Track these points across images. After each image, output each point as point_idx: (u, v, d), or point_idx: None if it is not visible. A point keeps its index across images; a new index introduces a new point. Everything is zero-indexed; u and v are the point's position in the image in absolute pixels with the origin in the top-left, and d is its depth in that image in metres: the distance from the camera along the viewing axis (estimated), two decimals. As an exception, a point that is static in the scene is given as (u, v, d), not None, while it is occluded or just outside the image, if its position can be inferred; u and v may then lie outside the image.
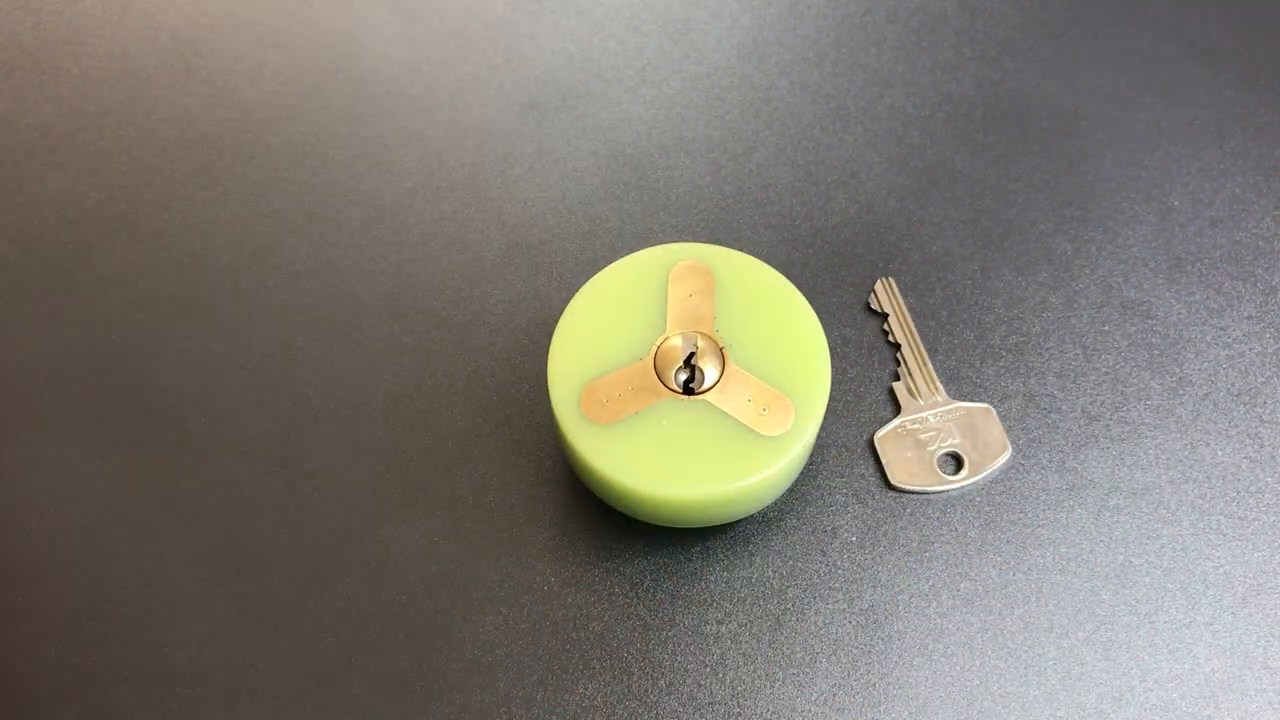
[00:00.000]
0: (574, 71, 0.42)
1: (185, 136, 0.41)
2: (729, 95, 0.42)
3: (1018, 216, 0.39)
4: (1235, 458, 0.34)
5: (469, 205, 0.39)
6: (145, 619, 0.32)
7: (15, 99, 0.42)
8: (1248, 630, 0.31)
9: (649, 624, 0.32)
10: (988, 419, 0.34)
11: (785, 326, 0.31)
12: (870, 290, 0.37)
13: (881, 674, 0.31)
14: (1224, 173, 0.40)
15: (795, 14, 0.44)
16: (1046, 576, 0.32)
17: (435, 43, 0.43)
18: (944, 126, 0.41)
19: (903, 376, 0.35)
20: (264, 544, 0.33)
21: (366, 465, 0.34)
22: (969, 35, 0.43)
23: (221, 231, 0.39)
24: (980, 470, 0.34)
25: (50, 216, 0.39)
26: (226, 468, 0.34)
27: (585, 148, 0.41)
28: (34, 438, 0.35)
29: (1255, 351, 0.36)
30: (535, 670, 0.31)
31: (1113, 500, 0.33)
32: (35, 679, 0.31)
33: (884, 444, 0.34)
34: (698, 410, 0.30)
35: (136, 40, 0.44)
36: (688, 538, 0.33)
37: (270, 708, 0.30)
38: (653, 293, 0.32)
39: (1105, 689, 0.31)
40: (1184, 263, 0.38)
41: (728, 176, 0.40)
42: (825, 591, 0.32)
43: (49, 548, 0.33)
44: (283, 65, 0.43)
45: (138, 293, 0.37)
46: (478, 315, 0.37)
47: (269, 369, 0.36)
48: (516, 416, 0.35)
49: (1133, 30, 0.43)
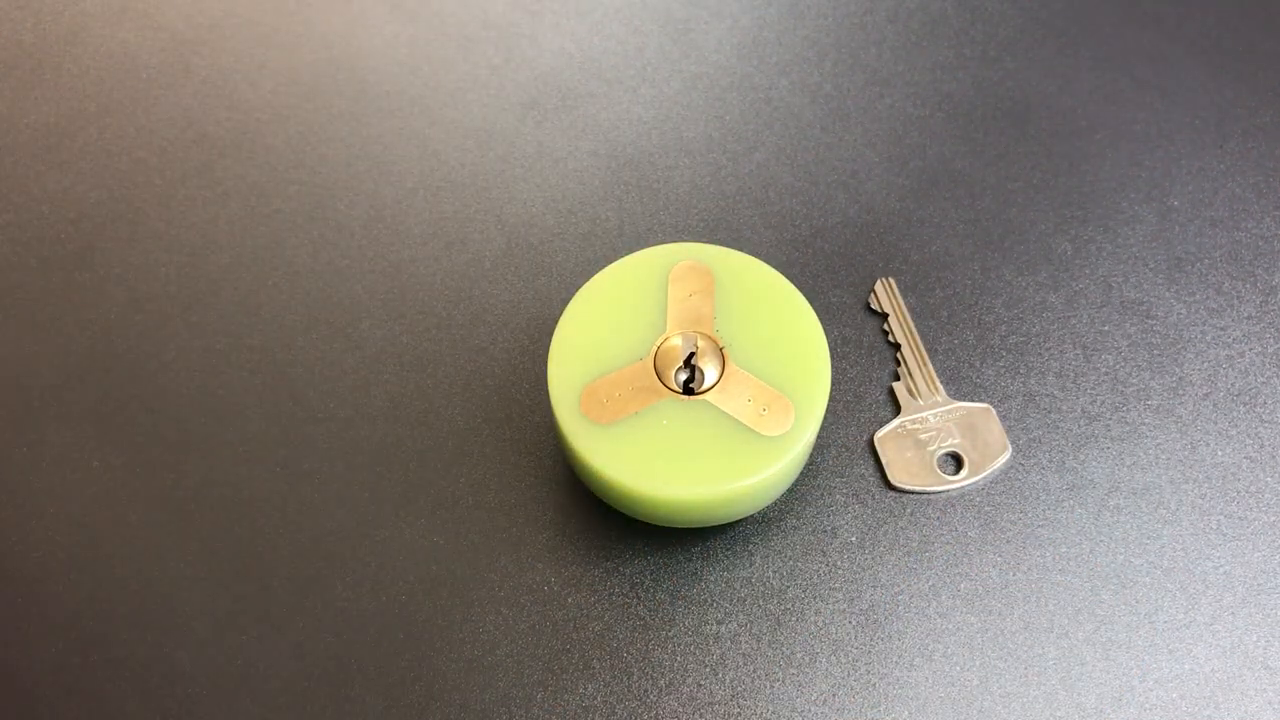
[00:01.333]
0: (574, 71, 0.42)
1: (185, 136, 0.41)
2: (729, 95, 0.42)
3: (1018, 216, 0.39)
4: (1235, 458, 0.34)
5: (469, 205, 0.39)
6: (145, 619, 0.32)
7: (15, 99, 0.42)
8: (1248, 630, 0.31)
9: (649, 624, 0.32)
10: (988, 419, 0.34)
11: (785, 326, 0.31)
12: (870, 290, 0.37)
13: (881, 674, 0.31)
14: (1224, 173, 0.40)
15: (795, 14, 0.44)
16: (1046, 576, 0.32)
17: (435, 43, 0.43)
18: (944, 126, 0.41)
19: (903, 376, 0.35)
20: (264, 544, 0.33)
21: (366, 465, 0.34)
22: (969, 35, 0.43)
23: (221, 231, 0.39)
24: (980, 470, 0.34)
25: (50, 216, 0.39)
26: (226, 468, 0.34)
27: (585, 148, 0.41)
28: (34, 438, 0.35)
29: (1255, 351, 0.36)
30: (535, 670, 0.31)
31: (1113, 500, 0.33)
32: (35, 679, 0.31)
33: (884, 444, 0.34)
34: (698, 410, 0.30)
35: (136, 40, 0.44)
36: (688, 538, 0.33)
37: (270, 708, 0.30)
38: (653, 293, 0.32)
39: (1105, 689, 0.31)
40: (1184, 263, 0.38)
41: (728, 176, 0.40)
42: (825, 591, 0.32)
43: (49, 548, 0.33)
44: (283, 65, 0.43)
45: (138, 293, 0.37)
46: (478, 315, 0.37)
47: (269, 369, 0.36)
48: (516, 416, 0.35)
49: (1133, 30, 0.43)
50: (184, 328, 0.37)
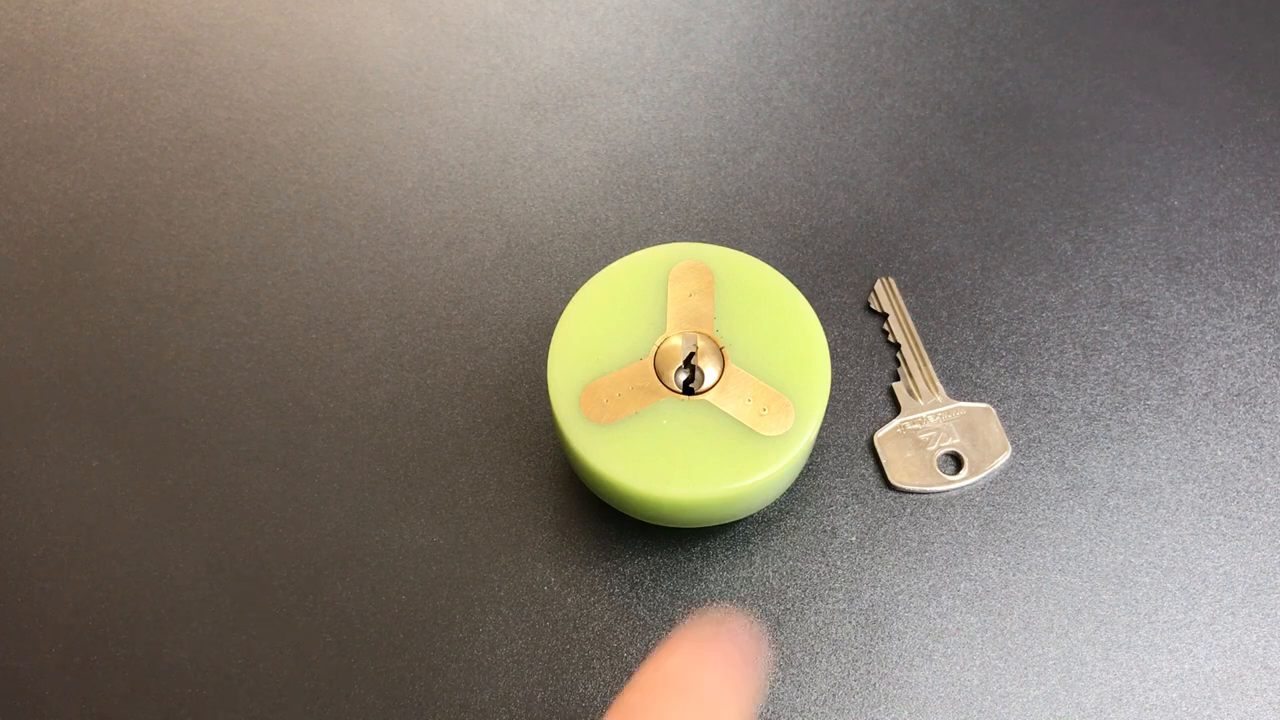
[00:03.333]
0: (574, 71, 0.42)
1: (185, 136, 0.41)
2: (729, 95, 0.42)
3: (1018, 216, 0.39)
4: (1235, 458, 0.34)
5: (469, 205, 0.39)
6: (145, 619, 0.32)
7: (15, 99, 0.42)
8: (1248, 630, 0.31)
9: (649, 624, 0.32)
10: (988, 419, 0.34)
11: (785, 326, 0.31)
12: (870, 290, 0.37)
13: (881, 674, 0.31)
14: (1224, 173, 0.40)
15: (795, 14, 0.44)
16: (1046, 576, 0.32)
17: (435, 43, 0.43)
18: (944, 126, 0.41)
19: (903, 376, 0.35)
20: (264, 544, 0.33)
21: (366, 465, 0.34)
22: (969, 35, 0.43)
23: (221, 231, 0.39)
24: (980, 470, 0.34)
25: (50, 216, 0.39)
26: (226, 468, 0.34)
27: (585, 148, 0.41)
28: (34, 438, 0.35)
29: (1255, 351, 0.36)
30: (535, 670, 0.31)
31: (1113, 500, 0.33)
32: (35, 679, 0.31)
33: (884, 444, 0.34)
34: (698, 410, 0.30)
35: (136, 40, 0.44)
36: (688, 538, 0.33)
37: (270, 708, 0.30)
38: (653, 293, 0.32)
39: (1105, 689, 0.31)
40: (1184, 263, 0.38)
41: (728, 176, 0.40)
42: (825, 591, 0.32)
43: (49, 547, 0.33)
44: (283, 65, 0.43)
45: (138, 293, 0.37)
46: (478, 315, 0.37)
47: (269, 369, 0.36)
48: (516, 416, 0.35)
49: (1133, 30, 0.43)
50: (184, 328, 0.37)
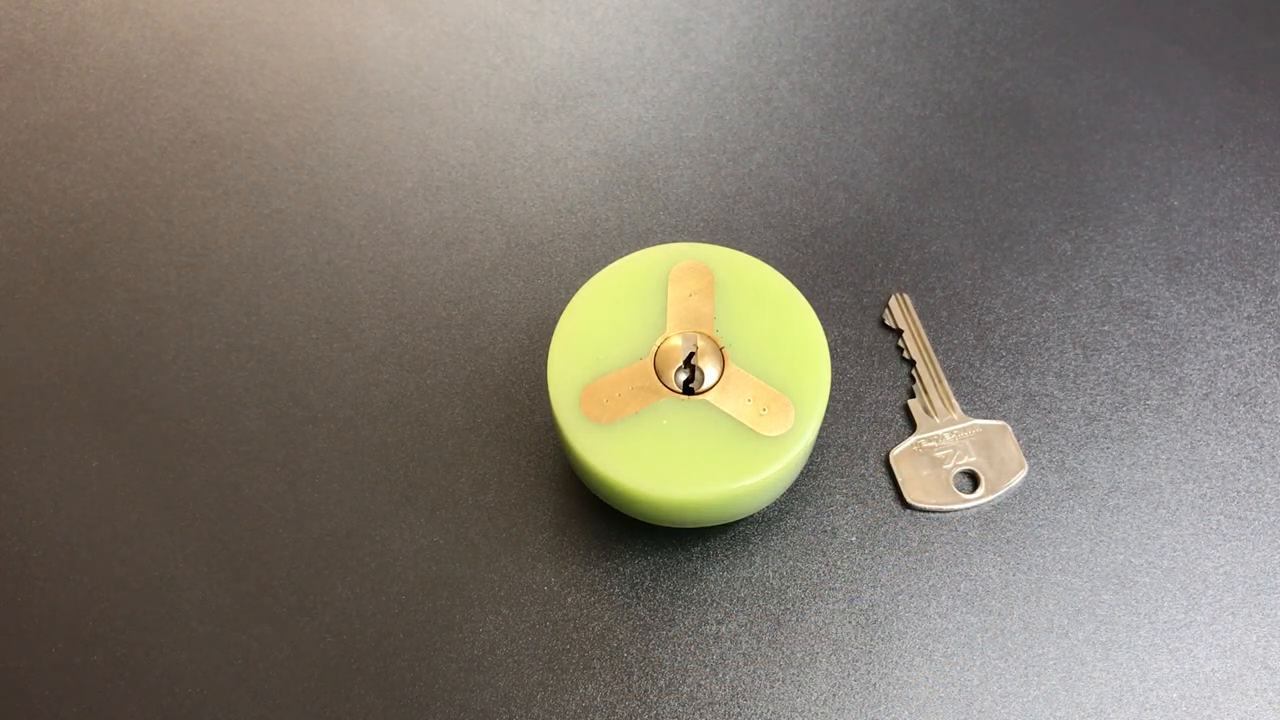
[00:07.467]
0: (574, 71, 0.42)
1: (185, 136, 0.41)
2: (729, 95, 0.42)
3: (1018, 216, 0.39)
4: (1235, 458, 0.34)
5: (469, 205, 0.39)
6: (145, 619, 0.32)
7: (15, 99, 0.42)
8: (1248, 630, 0.31)
9: (649, 624, 0.32)
10: (1004, 436, 0.34)
11: (785, 326, 0.31)
12: (884, 305, 0.37)
13: (881, 674, 0.31)
14: (1224, 173, 0.40)
15: (795, 14, 0.44)
16: (1046, 576, 0.32)
17: (435, 43, 0.43)
18: (944, 126, 0.41)
19: (918, 394, 0.35)
20: (264, 544, 0.33)
21: (366, 465, 0.34)
22: (969, 35, 0.43)
23: (221, 231, 0.39)
24: (997, 489, 0.33)
25: (50, 216, 0.39)
26: (226, 468, 0.34)
27: (585, 148, 0.41)
28: (34, 438, 0.35)
29: (1255, 351, 0.36)
30: (535, 670, 0.31)
31: (1113, 500, 0.33)
32: (35, 679, 0.31)
33: (899, 462, 0.34)
34: (698, 410, 0.30)
35: (136, 40, 0.44)
36: (688, 538, 0.33)
37: (270, 708, 0.30)
38: (653, 293, 0.32)
39: (1105, 689, 0.31)
40: (1184, 263, 0.38)
41: (728, 176, 0.40)
42: (825, 591, 0.32)
43: (49, 547, 0.33)
44: (283, 65, 0.43)
45: (138, 293, 0.37)
46: (478, 315, 0.37)
47: (269, 369, 0.36)
48: (516, 416, 0.35)
49: (1133, 30, 0.43)
50: (184, 328, 0.37)
